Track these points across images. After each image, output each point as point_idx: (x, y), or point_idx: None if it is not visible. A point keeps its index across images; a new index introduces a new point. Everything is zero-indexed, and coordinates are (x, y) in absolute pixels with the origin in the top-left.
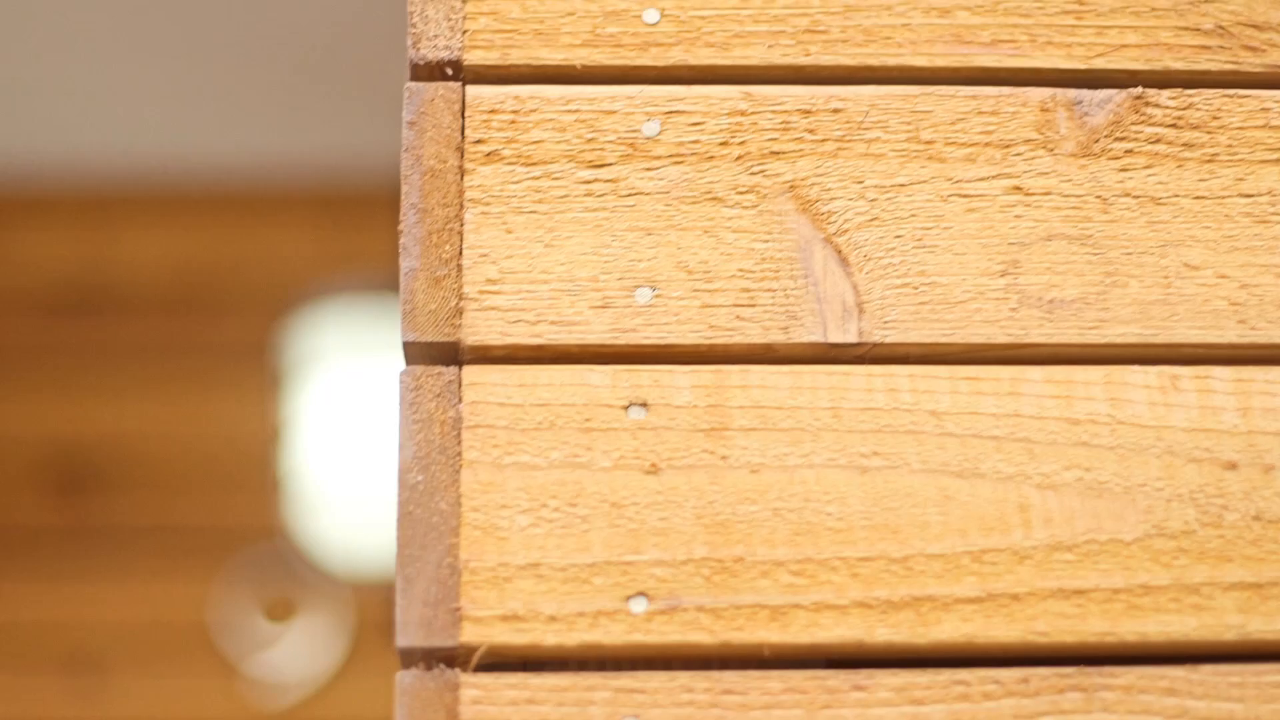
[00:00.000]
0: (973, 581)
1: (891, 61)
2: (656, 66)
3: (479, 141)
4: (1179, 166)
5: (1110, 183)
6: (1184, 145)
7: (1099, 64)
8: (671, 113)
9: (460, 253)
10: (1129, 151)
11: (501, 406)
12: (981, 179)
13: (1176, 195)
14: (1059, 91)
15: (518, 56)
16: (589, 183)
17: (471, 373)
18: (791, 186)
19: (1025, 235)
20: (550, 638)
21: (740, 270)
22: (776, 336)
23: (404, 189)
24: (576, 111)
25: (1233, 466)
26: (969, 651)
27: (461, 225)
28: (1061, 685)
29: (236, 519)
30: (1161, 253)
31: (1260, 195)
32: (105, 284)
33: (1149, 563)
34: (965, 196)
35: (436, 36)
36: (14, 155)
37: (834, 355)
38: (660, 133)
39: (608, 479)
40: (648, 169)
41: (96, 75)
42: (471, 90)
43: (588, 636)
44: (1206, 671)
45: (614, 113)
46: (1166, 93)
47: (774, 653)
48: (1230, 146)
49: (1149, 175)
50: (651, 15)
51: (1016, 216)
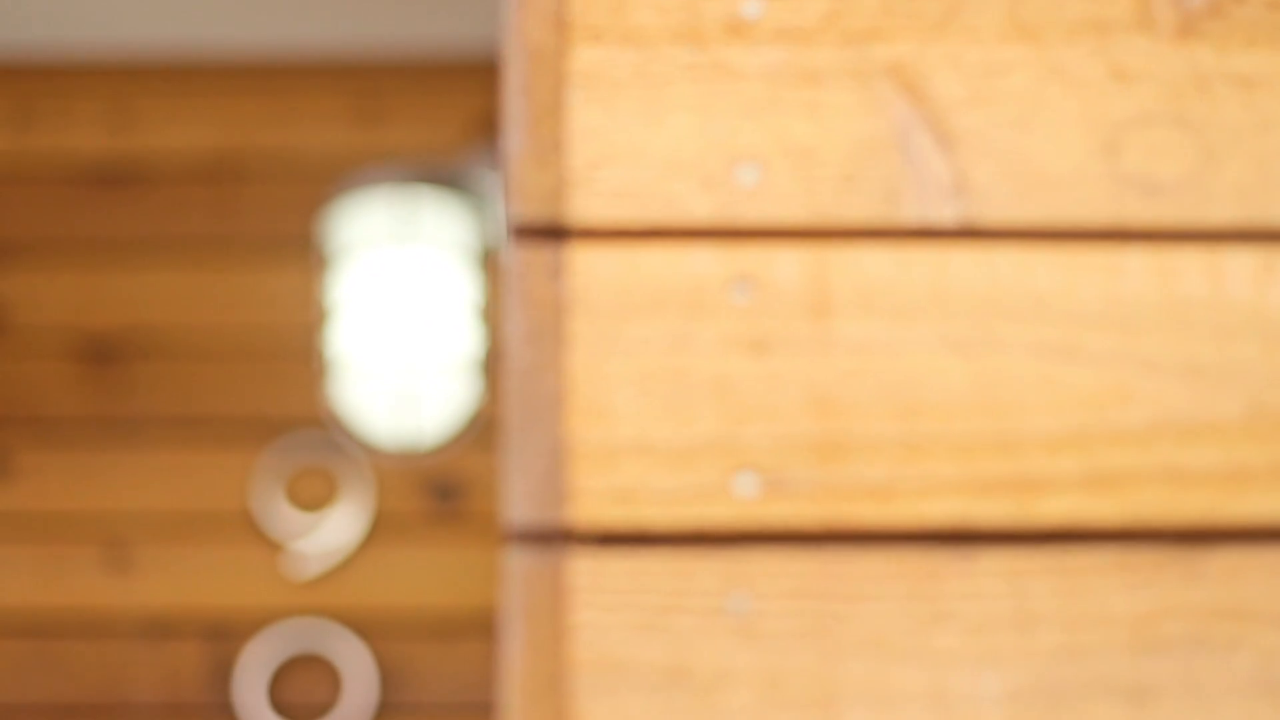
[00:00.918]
0: (1074, 460)
1: None
2: None
3: (583, 23)
4: (1276, 48)
5: (1208, 64)
6: None
7: None
8: None
9: (565, 133)
10: (1226, 33)
11: (607, 286)
12: (1080, 60)
13: (1274, 76)
14: None
15: None
16: (690, 64)
17: (577, 252)
18: (892, 67)
19: (1124, 116)
20: (658, 514)
21: (841, 150)
22: (878, 216)
23: (509, 70)
24: None
25: None
26: (1071, 529)
27: (566, 106)
28: (1162, 562)
29: (276, 404)
30: (1259, 134)
31: None
32: (142, 168)
33: (1248, 442)
34: (1064, 78)
35: None
36: (52, 34)
37: (934, 235)
38: (761, 15)
39: (713, 358)
40: (749, 50)
41: None
42: None
43: (694, 513)
44: None
45: None
46: None
47: (878, 529)
48: None
49: (1246, 57)
50: None
51: (1115, 98)
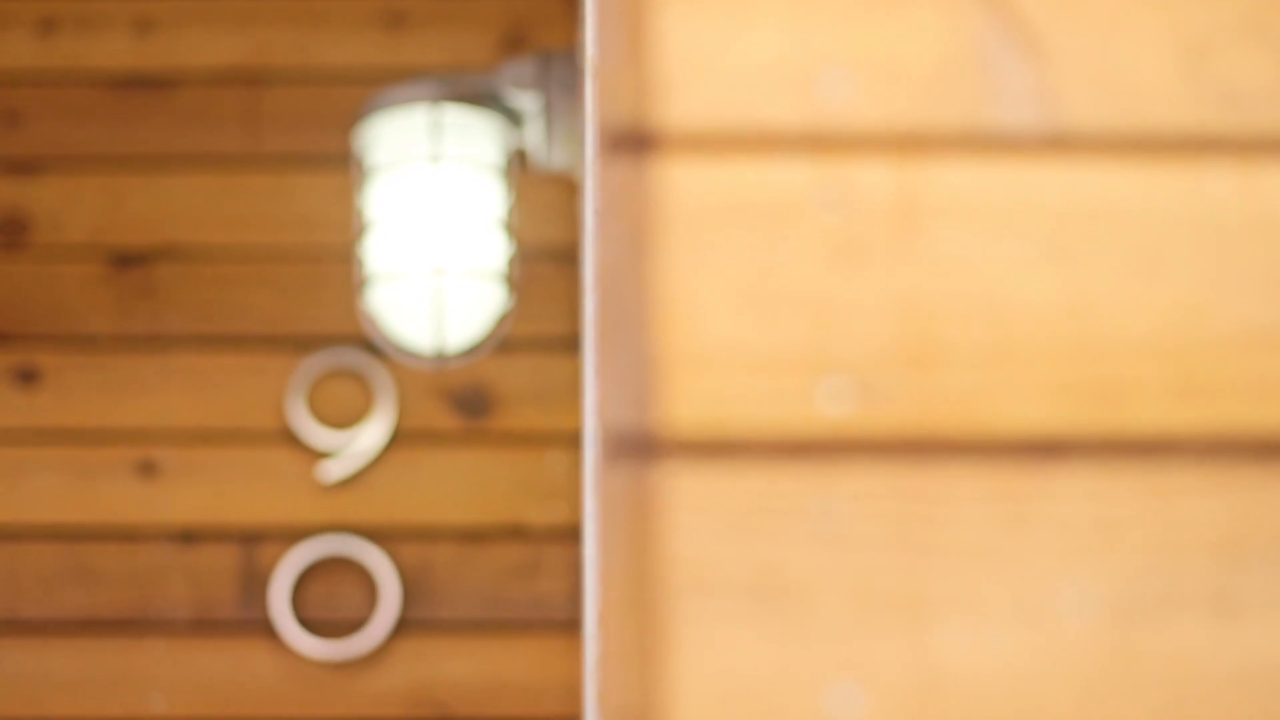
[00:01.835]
0: (1162, 371)
1: None
2: None
3: None
4: None
5: None
6: None
7: None
8: None
9: (652, 43)
10: None
11: (695, 194)
12: None
13: None
14: None
15: None
16: None
17: (664, 161)
18: None
19: (1210, 26)
20: (747, 422)
21: (928, 59)
22: (964, 125)
23: None
24: None
25: None
26: (1158, 439)
27: (653, 14)
28: (1249, 473)
29: (307, 316)
30: None
31: None
32: (168, 77)
33: None
34: None
35: None
36: None
37: (1020, 144)
38: None
39: (800, 267)
40: None
41: None
42: None
43: (783, 421)
44: None
45: None
46: None
47: (966, 438)
48: None
49: None
50: None
51: (1201, 5)
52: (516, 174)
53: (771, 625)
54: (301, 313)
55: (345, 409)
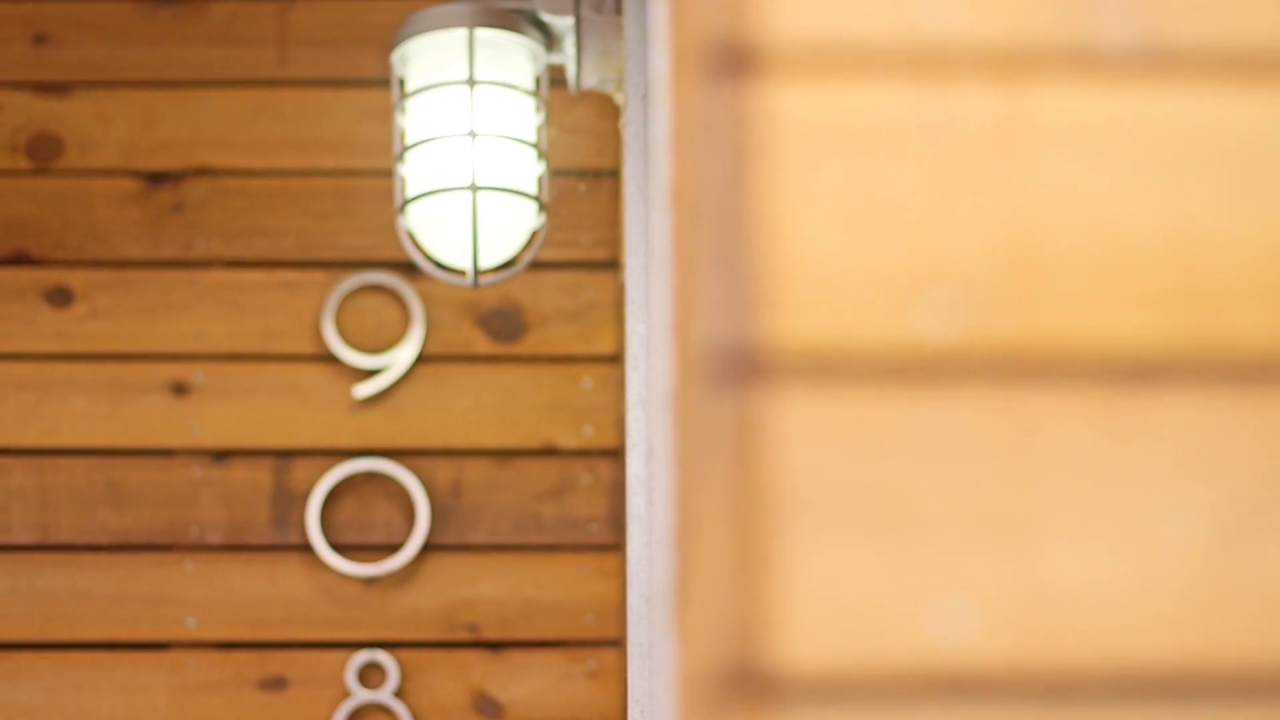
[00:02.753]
0: (1268, 291)
1: None
2: None
3: None
4: None
5: None
6: None
7: None
8: None
9: None
10: None
11: (798, 114)
12: None
13: None
14: None
15: None
16: None
17: (765, 79)
18: None
19: None
20: (849, 340)
21: None
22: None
23: None
24: None
25: None
26: (1265, 358)
27: None
28: None
29: (341, 237)
30: None
31: None
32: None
33: None
34: None
35: None
36: None
37: (1122, 63)
38: None
39: (903, 183)
40: None
41: None
42: None
43: (887, 340)
44: None
45: None
46: None
47: (1072, 358)
48: None
49: None
50: None
51: None
52: (549, 94)
53: (879, 542)
54: (334, 234)
55: (377, 330)
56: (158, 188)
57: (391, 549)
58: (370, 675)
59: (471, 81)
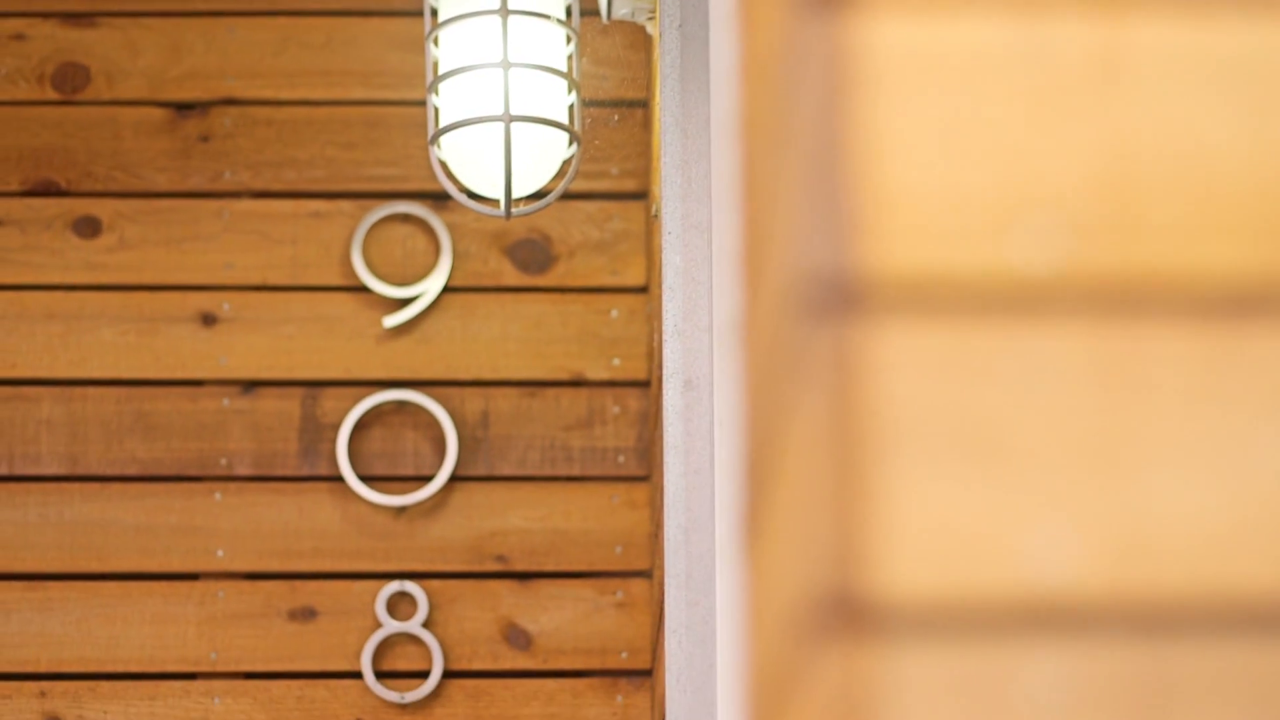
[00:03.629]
0: None
1: None
2: None
3: None
4: None
5: None
6: None
7: None
8: None
9: None
10: None
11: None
12: None
13: None
14: None
15: None
16: None
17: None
18: None
19: None
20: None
21: None
22: None
23: None
24: None
25: None
26: None
27: None
28: None
29: (371, 167)
30: None
31: None
32: None
33: None
34: None
35: None
36: None
37: None
38: None
39: (1001, 113)
40: None
41: None
42: None
43: (984, 271)
44: None
45: None
46: None
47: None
48: None
49: None
50: None
51: None
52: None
53: (978, 471)
54: (362, 164)
55: (405, 261)
56: (185, 118)
57: (420, 480)
58: (399, 606)
59: (504, 11)
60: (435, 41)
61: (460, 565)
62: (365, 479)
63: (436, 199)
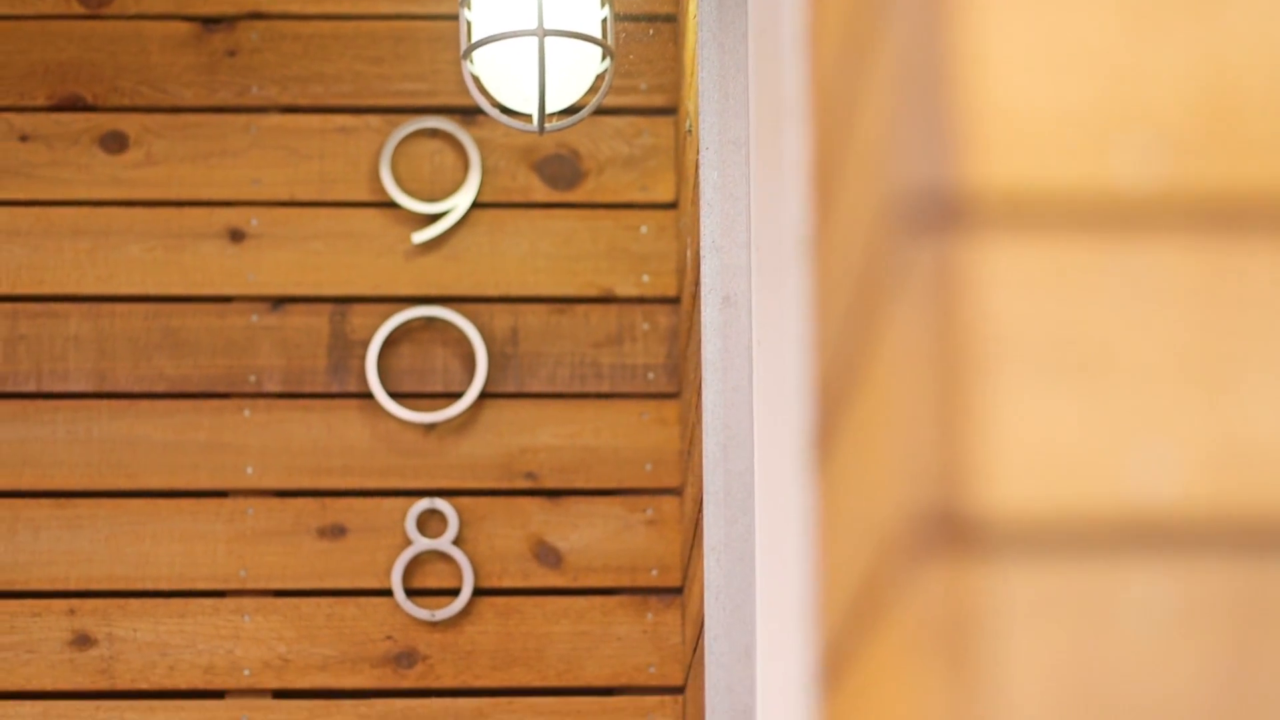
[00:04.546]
0: None
1: None
2: None
3: None
4: None
5: None
6: None
7: None
8: None
9: None
10: None
11: None
12: None
13: None
14: None
15: None
16: None
17: None
18: None
19: None
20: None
21: None
22: None
23: None
24: None
25: None
26: None
27: None
28: None
29: (399, 84)
30: None
31: None
32: None
33: None
34: None
35: None
36: None
37: None
38: None
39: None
40: None
41: None
42: None
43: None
44: None
45: None
46: None
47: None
48: None
49: None
50: None
51: None
52: None
53: (1081, 389)
54: (389, 79)
55: (434, 176)
56: (212, 32)
57: (450, 396)
58: (429, 523)
59: None
60: None
61: (490, 482)
62: (394, 396)
63: (465, 114)
